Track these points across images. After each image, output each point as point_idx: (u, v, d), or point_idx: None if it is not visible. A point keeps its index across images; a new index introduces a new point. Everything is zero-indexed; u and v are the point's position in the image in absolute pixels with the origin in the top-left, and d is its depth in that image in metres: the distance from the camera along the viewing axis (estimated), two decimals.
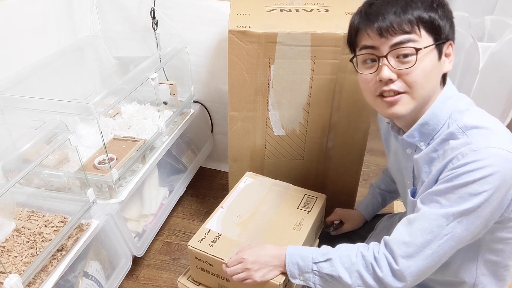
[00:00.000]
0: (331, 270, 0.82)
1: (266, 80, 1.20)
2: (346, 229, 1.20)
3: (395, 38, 0.74)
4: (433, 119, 0.80)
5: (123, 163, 1.30)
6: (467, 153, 0.72)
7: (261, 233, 1.02)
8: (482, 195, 0.71)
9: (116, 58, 1.71)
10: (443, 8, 0.76)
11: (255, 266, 0.88)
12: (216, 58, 1.69)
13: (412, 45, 0.74)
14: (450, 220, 0.73)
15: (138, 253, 1.38)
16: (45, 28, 1.45)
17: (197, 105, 1.81)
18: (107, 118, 1.57)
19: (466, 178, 0.71)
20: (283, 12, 1.27)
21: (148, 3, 1.60)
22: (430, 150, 0.81)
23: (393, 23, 0.74)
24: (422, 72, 0.75)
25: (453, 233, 0.73)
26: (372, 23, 0.76)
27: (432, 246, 0.74)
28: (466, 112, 0.78)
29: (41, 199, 1.22)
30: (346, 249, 0.84)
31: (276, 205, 1.11)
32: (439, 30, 0.76)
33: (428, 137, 0.81)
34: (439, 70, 0.79)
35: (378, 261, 0.78)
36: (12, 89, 1.25)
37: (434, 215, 0.74)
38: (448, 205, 0.73)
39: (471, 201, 0.71)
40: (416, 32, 0.74)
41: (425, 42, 0.75)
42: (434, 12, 0.75)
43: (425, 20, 0.74)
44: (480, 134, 0.74)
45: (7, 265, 1.00)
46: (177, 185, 1.66)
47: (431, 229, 0.74)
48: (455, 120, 0.78)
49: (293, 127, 1.30)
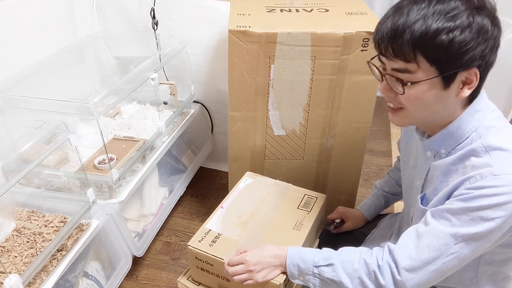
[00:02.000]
0: (333, 275, 0.81)
1: (266, 80, 1.20)
2: (347, 228, 1.20)
3: (394, 63, 0.73)
4: (458, 131, 0.77)
5: (123, 163, 1.30)
6: (487, 176, 0.71)
7: (261, 233, 1.02)
8: (494, 221, 0.70)
9: (116, 58, 1.71)
10: (470, 28, 0.68)
11: (258, 267, 0.88)
12: (216, 58, 1.69)
13: (403, 77, 0.72)
14: (459, 241, 0.73)
15: (138, 253, 1.38)
16: (45, 28, 1.45)
17: (197, 105, 1.81)
18: (107, 118, 1.57)
19: (481, 202, 0.70)
20: (283, 12, 1.27)
21: (148, 3, 1.60)
22: (449, 161, 0.79)
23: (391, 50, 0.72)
24: (413, 101, 0.74)
25: (459, 253, 0.73)
26: (377, 42, 0.75)
27: (437, 262, 0.74)
28: (493, 129, 0.76)
29: (41, 199, 1.22)
30: (348, 254, 0.83)
31: (276, 205, 1.11)
32: (448, 58, 0.69)
33: (450, 146, 0.80)
34: (445, 98, 0.74)
35: (381, 269, 0.78)
36: (12, 89, 1.25)
37: (443, 234, 0.73)
38: (458, 225, 0.72)
39: (482, 226, 0.71)
40: (414, 62, 0.70)
41: (424, 74, 0.71)
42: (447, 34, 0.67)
43: (427, 51, 0.69)
44: (503, 158, 0.72)
45: (7, 265, 1.00)
46: (177, 185, 1.66)
47: (439, 247, 0.74)
48: (480, 136, 0.75)
49: (293, 127, 1.30)
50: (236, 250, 0.95)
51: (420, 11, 0.69)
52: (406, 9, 0.70)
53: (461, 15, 0.68)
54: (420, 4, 0.70)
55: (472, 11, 0.68)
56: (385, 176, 1.23)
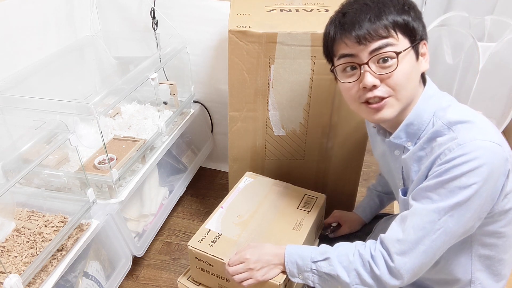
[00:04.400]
0: (330, 269, 0.82)
1: (266, 80, 1.20)
2: (343, 231, 1.21)
3: (373, 44, 0.75)
4: (417, 118, 0.81)
5: (123, 163, 1.30)
6: (454, 147, 0.73)
7: (261, 233, 1.02)
8: (471, 187, 0.71)
9: (116, 58, 1.71)
10: (414, 10, 0.78)
11: (257, 266, 0.88)
12: (216, 58, 1.69)
13: (391, 49, 0.75)
14: (442, 215, 0.74)
15: (138, 253, 1.38)
16: (45, 28, 1.45)
17: (197, 105, 1.81)
18: (107, 118, 1.57)
19: (455, 172, 0.72)
20: (283, 12, 1.27)
21: (148, 3, 1.60)
22: (417, 149, 0.82)
23: (370, 29, 0.75)
24: (403, 74, 0.77)
25: (445, 228, 0.74)
26: (349, 32, 0.76)
27: (425, 242, 0.75)
28: (449, 108, 0.80)
29: (41, 199, 1.22)
30: (344, 248, 0.84)
31: (276, 205, 1.11)
32: (413, 31, 0.77)
33: (415, 137, 0.82)
34: (418, 70, 0.80)
35: (375, 259, 0.78)
36: (12, 89, 1.25)
37: (426, 211, 0.75)
38: (439, 199, 0.74)
39: (461, 194, 0.72)
40: (393, 36, 0.75)
41: (403, 45, 0.76)
42: (407, 15, 0.76)
43: (400, 23, 0.75)
44: (465, 128, 0.75)
45: (7, 265, 1.00)
46: (177, 185, 1.66)
47: (423, 225, 0.75)
48: (439, 117, 0.79)
49: (293, 127, 1.30)
50: (236, 251, 0.95)
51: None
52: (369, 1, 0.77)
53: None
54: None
55: None
56: (377, 176, 1.24)
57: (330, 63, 0.86)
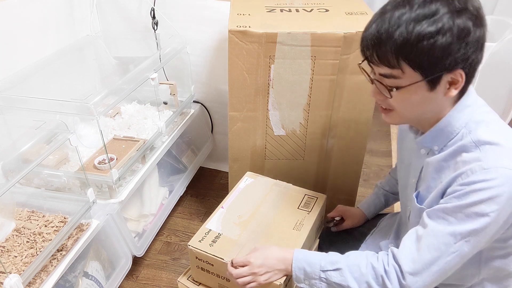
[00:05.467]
0: (341, 279, 0.82)
1: (266, 80, 1.20)
2: (346, 226, 1.20)
3: (379, 68, 0.75)
4: (448, 127, 0.79)
5: (123, 163, 1.30)
6: (477, 170, 0.71)
7: (261, 233, 1.02)
8: (489, 216, 0.71)
9: (116, 58, 1.71)
10: (452, 31, 0.68)
11: (262, 270, 0.88)
12: (216, 58, 1.69)
13: (390, 84, 0.75)
14: (458, 239, 0.73)
15: (138, 253, 1.38)
16: (45, 28, 1.45)
17: (197, 105, 1.81)
18: (107, 118, 1.57)
19: (474, 198, 0.71)
20: (283, 12, 1.27)
21: (148, 3, 1.60)
22: (441, 158, 0.80)
23: (374, 55, 0.74)
24: (401, 103, 0.77)
25: (460, 251, 0.74)
26: (362, 50, 0.77)
27: (439, 263, 0.75)
28: (482, 124, 0.76)
29: (41, 199, 1.22)
30: (355, 258, 0.84)
31: (276, 205, 1.11)
32: (429, 65, 0.70)
33: (442, 143, 0.81)
34: (434, 98, 0.75)
35: (388, 274, 0.78)
36: (12, 89, 1.25)
37: (442, 233, 0.74)
38: (455, 222, 0.73)
39: (478, 221, 0.71)
40: (399, 68, 0.72)
41: (409, 79, 0.73)
42: (423, 47, 0.69)
43: (410, 58, 0.70)
44: (493, 151, 0.72)
45: (7, 265, 1.00)
46: (177, 185, 1.66)
47: (439, 246, 0.75)
48: (470, 131, 0.76)
49: (293, 127, 1.30)
50: (238, 250, 0.95)
51: (401, 16, 0.69)
52: (388, 15, 0.71)
53: (441, 19, 0.68)
54: (401, 9, 0.70)
55: (452, 14, 0.68)
56: (387, 176, 1.23)
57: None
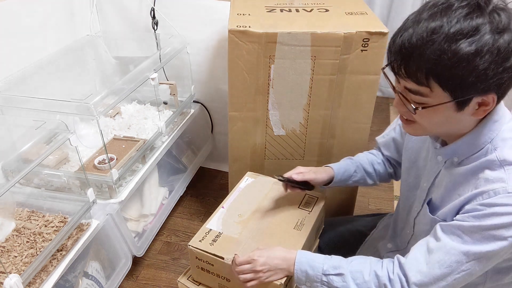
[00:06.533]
0: (342, 285, 0.81)
1: (266, 80, 1.20)
2: (308, 176, 1.05)
3: (406, 82, 0.70)
4: (473, 141, 0.75)
5: (123, 163, 1.30)
6: (500, 193, 0.69)
7: (262, 231, 1.02)
8: (507, 240, 0.69)
9: (116, 58, 1.71)
10: (489, 55, 0.62)
11: (264, 268, 0.88)
12: (216, 58, 1.69)
13: (415, 99, 0.70)
14: (471, 259, 0.72)
15: (138, 253, 1.38)
16: (45, 28, 1.45)
17: (197, 105, 1.81)
18: (107, 118, 1.57)
19: (494, 221, 0.69)
20: (283, 12, 1.27)
21: (148, 3, 1.60)
22: (462, 172, 0.77)
23: (403, 70, 0.69)
24: (425, 120, 0.73)
25: (471, 270, 0.73)
26: (389, 59, 0.72)
27: (448, 279, 0.74)
28: (509, 141, 0.73)
29: (41, 199, 1.22)
30: (358, 264, 0.83)
31: (277, 204, 1.11)
32: (460, 87, 0.65)
33: (464, 156, 0.78)
34: (459, 119, 0.72)
35: (392, 283, 0.77)
36: (12, 89, 1.25)
37: (455, 251, 0.73)
38: (471, 242, 0.72)
39: (495, 244, 0.70)
40: (428, 86, 0.67)
41: (437, 99, 0.68)
42: (460, 70, 0.63)
43: (442, 77, 0.65)
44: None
45: (7, 265, 1.00)
46: (177, 185, 1.66)
47: (450, 264, 0.73)
48: (496, 148, 0.73)
49: (293, 127, 1.30)
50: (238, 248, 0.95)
51: (438, 30, 0.63)
52: (423, 25, 0.64)
53: (482, 38, 0.61)
54: (438, 20, 0.63)
55: (494, 34, 0.61)
56: (376, 145, 1.17)
57: None
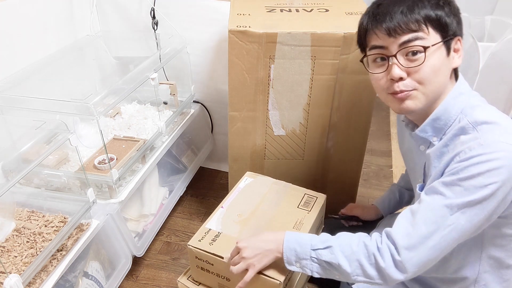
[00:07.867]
0: (331, 257, 0.82)
1: (266, 80, 1.20)
2: (356, 212, 1.24)
3: (403, 37, 0.76)
4: (445, 114, 0.81)
5: (123, 163, 1.30)
6: (475, 147, 0.72)
7: (261, 230, 1.02)
8: (488, 188, 0.71)
9: (116, 58, 1.71)
10: (450, 5, 0.78)
11: (251, 253, 0.88)
12: (216, 58, 1.69)
13: (419, 43, 0.76)
14: (454, 211, 0.73)
15: (138, 253, 1.38)
16: (45, 28, 1.45)
17: (197, 105, 1.81)
18: (107, 118, 1.57)
19: (472, 171, 0.71)
20: (283, 12, 1.27)
21: (148, 3, 1.60)
22: (441, 145, 0.81)
23: (400, 22, 0.75)
24: (431, 69, 0.77)
25: (456, 224, 0.74)
26: (380, 23, 0.77)
27: (435, 237, 0.74)
28: (478, 108, 0.79)
29: (41, 199, 1.22)
30: (346, 237, 0.84)
31: (276, 203, 1.11)
32: (446, 27, 0.77)
33: (441, 132, 0.82)
34: (448, 66, 0.80)
35: (381, 252, 0.78)
36: (12, 89, 1.25)
37: (438, 206, 0.74)
38: (452, 196, 0.73)
39: (477, 194, 0.71)
40: (423, 30, 0.76)
41: (433, 40, 0.76)
42: (440, 10, 0.76)
43: (432, 18, 0.75)
44: (489, 129, 0.74)
45: (7, 265, 1.00)
46: (177, 185, 1.66)
47: (435, 220, 0.74)
48: (466, 115, 0.78)
49: (293, 127, 1.30)
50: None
51: None
52: None
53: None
54: None
55: None
56: (401, 175, 1.24)
57: (363, 52, 0.86)
